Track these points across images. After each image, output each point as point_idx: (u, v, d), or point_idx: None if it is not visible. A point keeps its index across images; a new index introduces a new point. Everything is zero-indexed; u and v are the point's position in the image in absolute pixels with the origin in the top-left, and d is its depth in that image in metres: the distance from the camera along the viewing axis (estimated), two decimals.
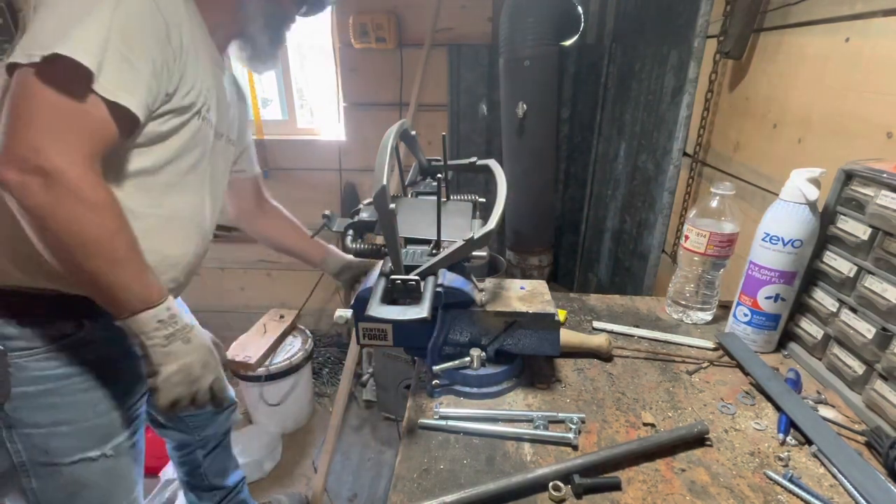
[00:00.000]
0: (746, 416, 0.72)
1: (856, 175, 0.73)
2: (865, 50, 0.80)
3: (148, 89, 0.70)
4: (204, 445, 1.27)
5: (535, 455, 0.64)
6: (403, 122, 0.79)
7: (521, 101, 1.81)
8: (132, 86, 0.68)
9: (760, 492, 0.59)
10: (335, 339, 2.68)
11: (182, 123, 0.80)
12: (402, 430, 0.69)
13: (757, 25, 1.08)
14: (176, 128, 0.79)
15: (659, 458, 0.64)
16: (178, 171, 0.83)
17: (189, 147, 0.83)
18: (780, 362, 0.85)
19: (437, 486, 0.59)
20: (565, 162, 2.29)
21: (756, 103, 1.10)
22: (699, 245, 0.90)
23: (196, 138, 0.84)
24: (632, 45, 1.80)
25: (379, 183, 0.60)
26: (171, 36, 0.73)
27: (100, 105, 0.66)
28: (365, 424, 2.21)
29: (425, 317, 0.60)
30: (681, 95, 1.33)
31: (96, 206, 0.66)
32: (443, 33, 2.08)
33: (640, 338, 0.91)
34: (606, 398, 0.75)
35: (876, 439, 0.64)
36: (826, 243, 0.79)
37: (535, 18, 1.72)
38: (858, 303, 0.72)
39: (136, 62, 0.68)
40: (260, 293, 2.63)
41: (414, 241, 0.76)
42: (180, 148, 0.82)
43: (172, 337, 0.74)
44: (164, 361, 0.74)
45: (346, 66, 2.17)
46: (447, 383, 0.75)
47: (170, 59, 0.74)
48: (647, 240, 1.58)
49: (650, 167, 1.58)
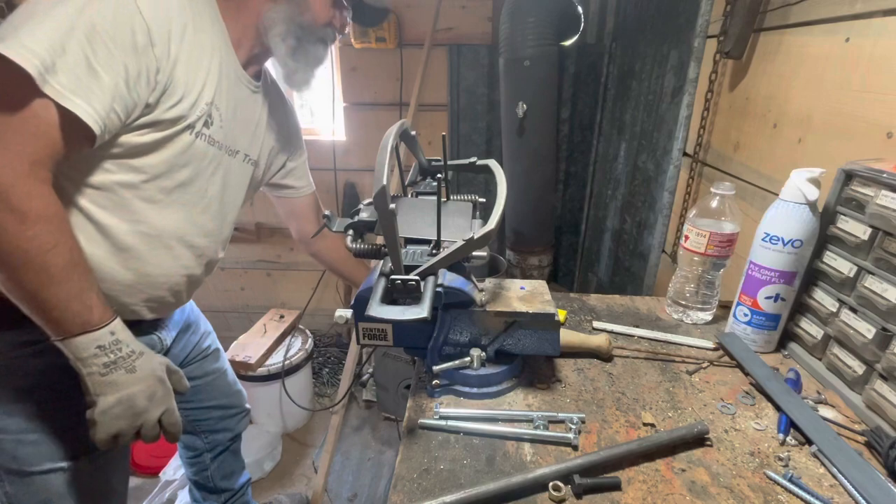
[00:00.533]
0: (746, 416, 0.72)
1: (856, 175, 0.73)
2: (865, 50, 0.80)
3: (115, 96, 0.65)
4: (212, 449, 1.26)
5: (535, 455, 0.64)
6: (403, 122, 0.79)
7: (521, 101, 1.81)
8: (89, 91, 0.63)
9: (760, 492, 0.59)
10: (335, 339, 2.68)
11: (166, 138, 0.75)
12: (402, 430, 0.69)
13: (757, 25, 1.08)
14: (158, 142, 0.75)
15: (659, 458, 0.64)
16: (163, 189, 0.79)
17: (177, 163, 0.78)
18: (780, 362, 0.85)
19: (437, 486, 0.59)
20: (565, 162, 2.30)
21: (756, 103, 1.10)
22: (699, 245, 0.90)
23: (187, 155, 0.79)
24: (632, 45, 1.80)
25: (379, 183, 0.59)
26: (156, 42, 0.69)
27: (50, 108, 0.61)
28: (365, 424, 2.21)
29: (425, 317, 0.60)
30: (681, 95, 1.33)
31: (27, 218, 0.60)
32: (443, 33, 2.08)
33: (640, 338, 0.91)
34: (606, 398, 0.75)
35: (876, 439, 0.64)
36: (826, 243, 0.79)
37: (535, 18, 1.72)
38: (858, 303, 0.72)
39: (101, 66, 0.63)
40: (260, 293, 2.63)
41: (414, 241, 0.76)
42: (165, 164, 0.77)
43: (114, 365, 0.68)
44: (103, 392, 0.68)
45: (346, 65, 2.17)
46: (447, 383, 0.75)
47: (150, 66, 0.69)
48: (647, 240, 1.58)
49: (650, 167, 1.57)
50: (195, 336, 1.15)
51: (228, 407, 1.26)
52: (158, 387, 0.73)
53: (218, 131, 0.83)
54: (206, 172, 0.85)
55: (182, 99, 0.75)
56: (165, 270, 0.85)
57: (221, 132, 0.84)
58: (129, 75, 0.66)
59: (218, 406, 1.23)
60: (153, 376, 0.73)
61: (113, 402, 0.68)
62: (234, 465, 1.34)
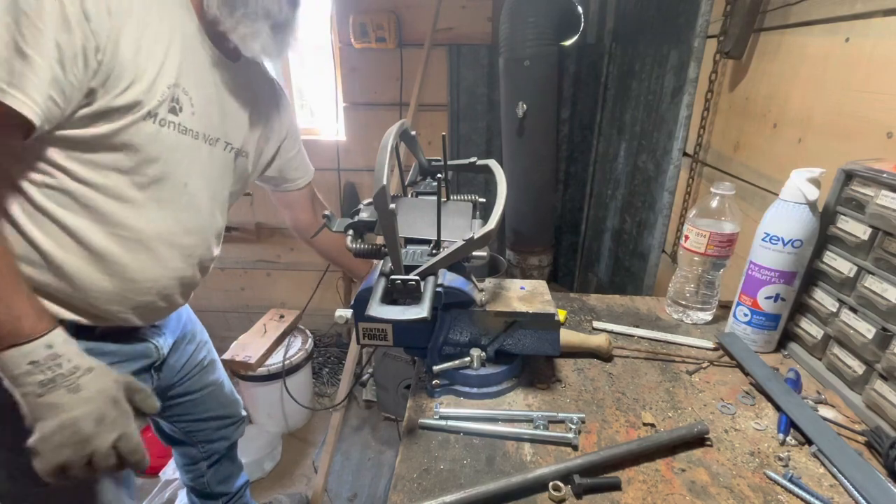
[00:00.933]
0: (746, 416, 0.72)
1: (856, 175, 0.73)
2: (865, 50, 0.80)
3: (51, 80, 0.58)
4: (208, 457, 1.24)
5: (535, 455, 0.64)
6: (403, 122, 0.79)
7: (521, 101, 1.81)
8: (23, 78, 0.57)
9: (760, 492, 0.59)
10: (335, 339, 2.68)
11: (123, 128, 0.67)
12: (402, 430, 0.69)
13: (757, 25, 1.08)
14: (115, 133, 0.67)
15: (659, 458, 0.64)
16: (135, 186, 0.72)
17: (145, 158, 0.71)
18: (780, 362, 0.85)
19: (437, 486, 0.59)
20: (565, 162, 2.30)
21: (756, 103, 1.10)
22: (699, 245, 0.90)
23: (155, 147, 0.72)
24: (632, 45, 1.80)
25: (379, 183, 0.59)
26: (91, 16, 0.60)
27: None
28: (365, 424, 2.21)
29: (425, 317, 0.60)
30: (681, 95, 1.33)
31: None
32: (443, 33, 2.08)
33: (640, 338, 0.91)
34: (606, 398, 0.75)
35: (876, 439, 0.64)
36: (826, 243, 0.79)
37: (535, 18, 1.72)
38: (858, 303, 0.72)
39: (32, 48, 0.56)
40: (260, 293, 2.63)
41: (414, 241, 0.76)
42: (129, 158, 0.70)
43: (52, 384, 0.59)
44: (41, 416, 0.59)
45: (346, 65, 2.17)
46: (447, 383, 0.75)
47: (86, 44, 0.61)
48: (647, 240, 1.58)
49: (650, 167, 1.58)
50: (191, 346, 1.10)
51: (225, 417, 1.23)
52: (110, 408, 0.63)
53: (190, 118, 0.76)
54: (181, 165, 0.77)
55: (133, 83, 0.67)
56: (151, 275, 0.80)
57: (195, 119, 0.76)
58: (63, 55, 0.59)
59: (215, 417, 1.20)
60: (103, 396, 0.63)
61: (54, 428, 0.59)
62: (231, 469, 1.32)
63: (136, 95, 0.67)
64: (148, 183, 0.74)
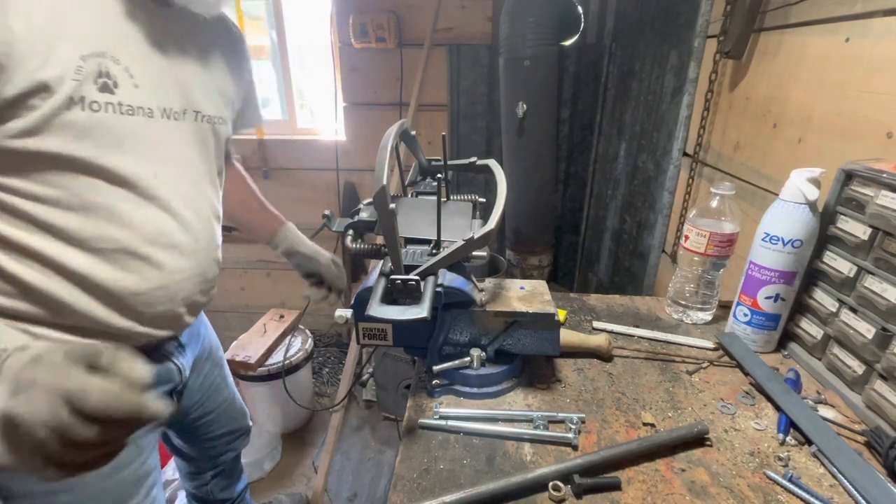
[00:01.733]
0: (746, 416, 0.72)
1: (856, 175, 0.73)
2: (865, 50, 0.80)
3: None
4: (215, 468, 1.23)
5: (535, 455, 0.64)
6: (403, 122, 0.79)
7: (521, 101, 1.81)
8: None
9: (760, 492, 0.59)
10: (335, 338, 2.68)
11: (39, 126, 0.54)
12: (402, 430, 0.69)
13: (757, 25, 1.08)
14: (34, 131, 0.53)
15: (659, 458, 0.64)
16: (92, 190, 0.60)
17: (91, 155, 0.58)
18: (780, 362, 0.85)
19: (437, 486, 0.59)
20: (565, 162, 2.30)
21: (756, 103, 1.10)
22: (699, 245, 0.90)
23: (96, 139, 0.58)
24: (632, 45, 1.80)
25: (379, 183, 0.60)
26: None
27: None
28: (365, 424, 2.21)
29: (425, 317, 0.60)
30: (681, 95, 1.33)
31: None
32: (443, 33, 2.08)
33: (640, 338, 0.91)
34: (606, 398, 0.75)
35: (876, 439, 0.64)
36: (826, 243, 0.79)
37: (535, 18, 1.72)
38: (858, 303, 0.72)
39: None
40: (260, 293, 2.64)
41: (414, 241, 0.76)
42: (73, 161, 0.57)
43: None
44: None
45: (346, 65, 2.17)
46: (447, 383, 0.75)
47: None
48: (647, 240, 1.58)
49: (650, 167, 1.58)
50: (209, 363, 1.05)
51: (235, 430, 1.21)
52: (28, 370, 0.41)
53: (134, 93, 0.61)
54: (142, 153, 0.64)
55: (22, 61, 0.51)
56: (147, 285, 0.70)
57: (142, 93, 0.62)
58: None
59: (227, 433, 1.19)
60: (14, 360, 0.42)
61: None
62: (233, 475, 1.31)
63: (29, 81, 0.51)
64: (108, 184, 0.62)
